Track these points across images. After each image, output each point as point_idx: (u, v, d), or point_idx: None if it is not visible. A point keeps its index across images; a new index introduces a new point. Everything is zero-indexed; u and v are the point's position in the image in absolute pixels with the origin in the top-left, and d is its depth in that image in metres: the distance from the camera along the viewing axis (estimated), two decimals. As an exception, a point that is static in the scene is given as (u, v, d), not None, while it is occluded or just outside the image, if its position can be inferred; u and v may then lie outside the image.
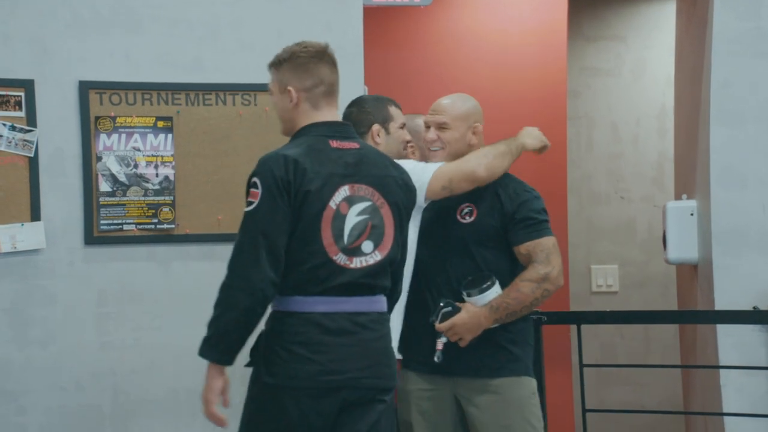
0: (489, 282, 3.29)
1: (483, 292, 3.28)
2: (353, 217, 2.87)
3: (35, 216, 3.91)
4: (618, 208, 6.20)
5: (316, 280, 2.83)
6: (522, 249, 3.36)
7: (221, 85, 4.07)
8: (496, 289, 3.30)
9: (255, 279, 2.76)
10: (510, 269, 3.39)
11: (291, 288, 2.84)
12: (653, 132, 6.18)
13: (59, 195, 3.95)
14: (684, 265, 4.67)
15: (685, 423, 5.05)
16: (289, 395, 2.81)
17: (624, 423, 5.96)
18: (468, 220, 3.40)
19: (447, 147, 3.44)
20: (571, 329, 5.11)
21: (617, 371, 6.03)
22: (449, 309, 3.28)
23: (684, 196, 4.55)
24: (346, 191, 2.87)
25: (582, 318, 4.18)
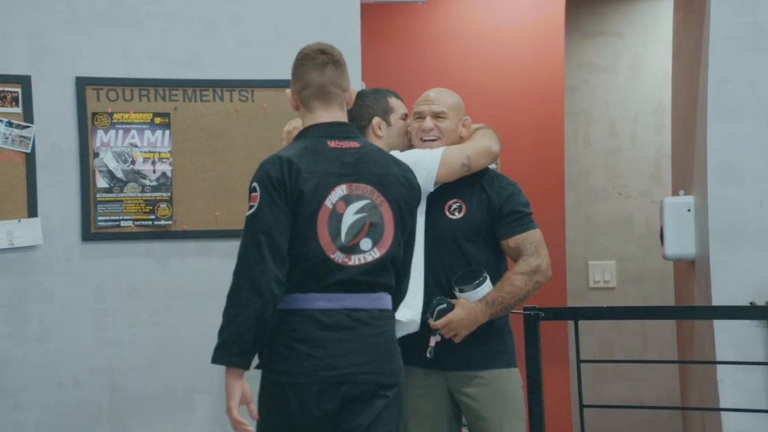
0: (482, 277, 3.29)
1: (476, 287, 3.28)
2: (351, 216, 2.88)
3: (32, 212, 3.91)
4: (615, 203, 6.19)
5: (314, 277, 2.85)
6: (511, 242, 3.36)
7: (219, 82, 4.07)
8: (488, 284, 3.31)
9: (261, 279, 2.77)
10: (496, 264, 3.40)
11: (291, 286, 2.86)
12: (650, 128, 6.18)
13: (56, 191, 3.95)
14: (681, 261, 4.67)
15: (683, 418, 5.05)
16: (291, 391, 2.83)
17: (621, 418, 5.97)
18: (458, 215, 3.39)
19: (444, 137, 3.42)
20: (569, 325, 5.12)
21: (615, 367, 6.03)
22: (444, 306, 3.28)
23: (681, 191, 4.54)
24: (343, 190, 2.89)
25: (579, 314, 4.16)
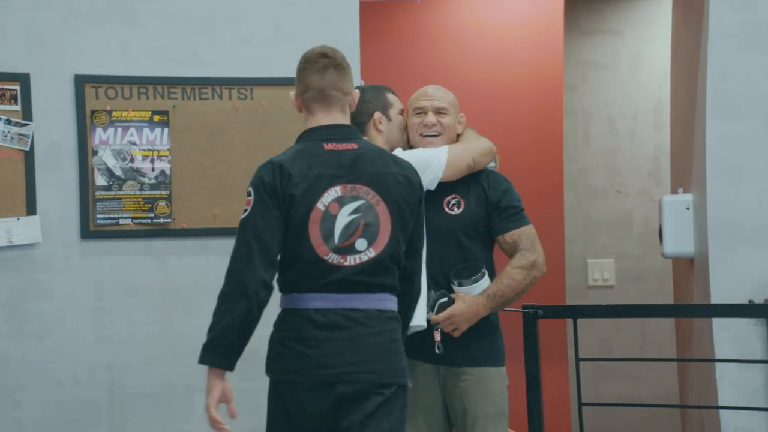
0: (481, 272, 3.32)
1: (475, 282, 3.31)
2: (345, 217, 2.90)
3: (31, 210, 3.91)
4: (614, 202, 6.19)
5: (310, 278, 2.88)
6: (507, 237, 3.40)
7: (217, 80, 4.07)
8: (486, 279, 3.34)
9: (248, 282, 2.81)
10: (490, 259, 3.45)
11: (289, 286, 2.91)
12: (650, 126, 6.18)
13: (55, 189, 3.95)
14: (680, 259, 4.67)
15: (681, 416, 5.06)
16: (287, 389, 2.86)
17: (620, 416, 5.97)
18: (456, 211, 3.42)
19: (445, 133, 3.46)
20: (568, 323, 5.12)
21: (613, 365, 6.03)
22: (445, 300, 3.29)
23: (680, 189, 4.54)
24: (336, 192, 2.90)
25: (578, 312, 4.16)
